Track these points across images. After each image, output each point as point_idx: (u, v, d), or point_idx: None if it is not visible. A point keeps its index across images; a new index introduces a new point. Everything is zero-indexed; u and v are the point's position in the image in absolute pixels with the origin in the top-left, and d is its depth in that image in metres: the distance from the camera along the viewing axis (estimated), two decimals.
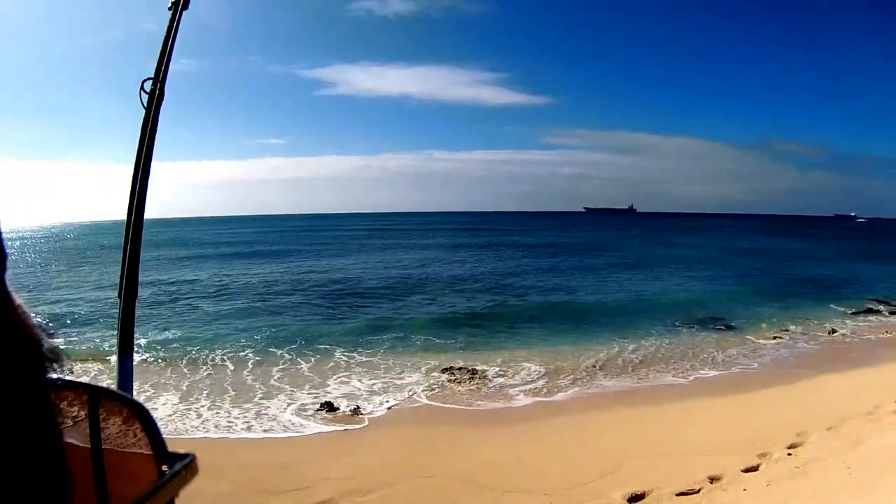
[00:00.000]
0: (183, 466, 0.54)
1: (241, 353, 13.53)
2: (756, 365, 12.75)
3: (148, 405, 0.57)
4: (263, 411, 9.98)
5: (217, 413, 9.78)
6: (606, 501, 5.91)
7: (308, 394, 10.67)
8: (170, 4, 1.94)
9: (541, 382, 11.30)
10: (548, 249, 48.38)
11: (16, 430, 0.42)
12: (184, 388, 11.05)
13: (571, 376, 11.70)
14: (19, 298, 0.45)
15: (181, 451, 0.56)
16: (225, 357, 13.19)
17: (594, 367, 12.34)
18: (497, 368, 12.10)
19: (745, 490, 6.13)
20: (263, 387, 11.09)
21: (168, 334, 15.60)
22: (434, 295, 22.90)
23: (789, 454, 7.17)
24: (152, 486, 0.51)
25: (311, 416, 9.60)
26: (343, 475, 6.74)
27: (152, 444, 0.55)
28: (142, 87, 1.76)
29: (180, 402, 10.29)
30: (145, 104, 1.74)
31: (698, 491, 6.15)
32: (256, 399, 10.56)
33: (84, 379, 0.57)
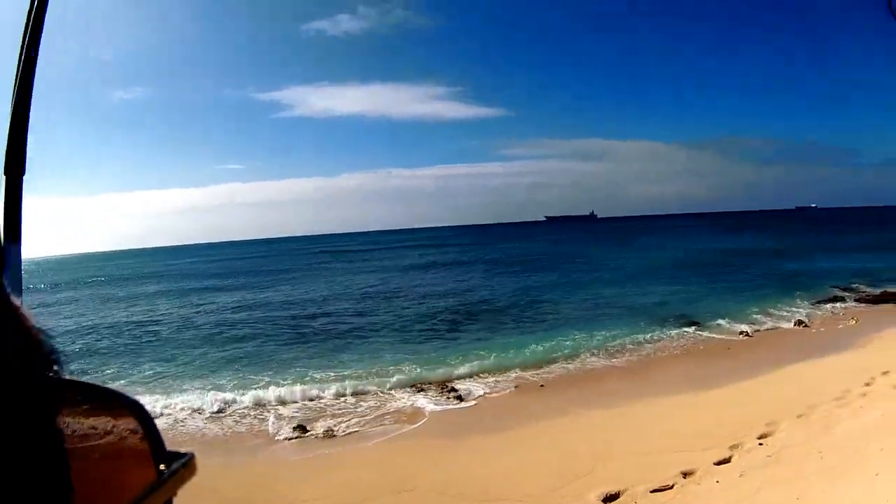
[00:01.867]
0: (181, 465, 0.54)
1: (210, 378, 13.32)
2: (724, 359, 12.86)
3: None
4: (238, 432, 9.84)
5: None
6: (582, 503, 5.79)
7: (280, 416, 10.48)
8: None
9: (511, 392, 11.27)
10: (508, 261, 48.36)
11: (16, 430, 0.41)
12: (157, 412, 10.76)
13: (540, 384, 11.69)
14: (19, 299, 0.45)
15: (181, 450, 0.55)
16: (193, 383, 12.95)
17: (563, 373, 12.38)
18: (466, 381, 12.06)
19: (717, 482, 6.09)
20: (236, 410, 10.91)
21: (138, 368, 15.22)
22: (400, 312, 22.75)
23: (760, 444, 7.19)
24: (151, 486, 0.51)
25: (286, 437, 9.45)
26: (321, 494, 6.66)
27: (150, 443, 0.54)
28: None
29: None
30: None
31: (672, 486, 6.11)
32: (231, 421, 10.41)
33: (82, 379, 0.53)
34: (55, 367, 0.47)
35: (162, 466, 0.53)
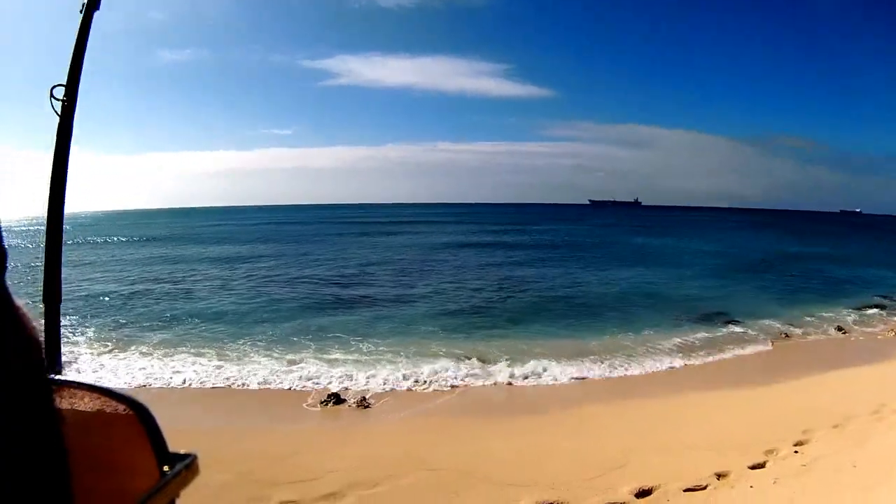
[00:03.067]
0: (184, 466, 0.55)
1: (243, 343, 13.51)
2: (760, 360, 12.75)
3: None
4: (269, 398, 10.04)
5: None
6: (614, 496, 5.90)
7: (313, 384, 10.70)
8: (81, 7, 1.80)
9: (545, 375, 11.27)
10: (553, 243, 48.37)
11: (17, 431, 0.41)
12: (189, 375, 11.14)
13: (576, 369, 11.67)
14: (20, 299, 0.45)
15: (181, 450, 0.56)
16: (225, 347, 13.18)
17: (599, 360, 12.30)
18: (502, 360, 12.03)
19: (751, 487, 6.12)
20: (265, 377, 11.12)
21: (169, 327, 15.62)
22: (440, 287, 22.86)
23: (796, 452, 7.16)
24: (154, 487, 0.52)
25: (316, 406, 9.63)
26: (347, 467, 6.69)
27: (153, 444, 0.55)
28: (51, 94, 1.65)
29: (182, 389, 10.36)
30: (58, 111, 1.64)
31: (705, 487, 6.14)
32: (261, 385, 10.66)
33: (84, 380, 0.56)
34: (56, 368, 0.50)
35: (165, 467, 0.54)
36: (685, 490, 6.06)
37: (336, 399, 9.76)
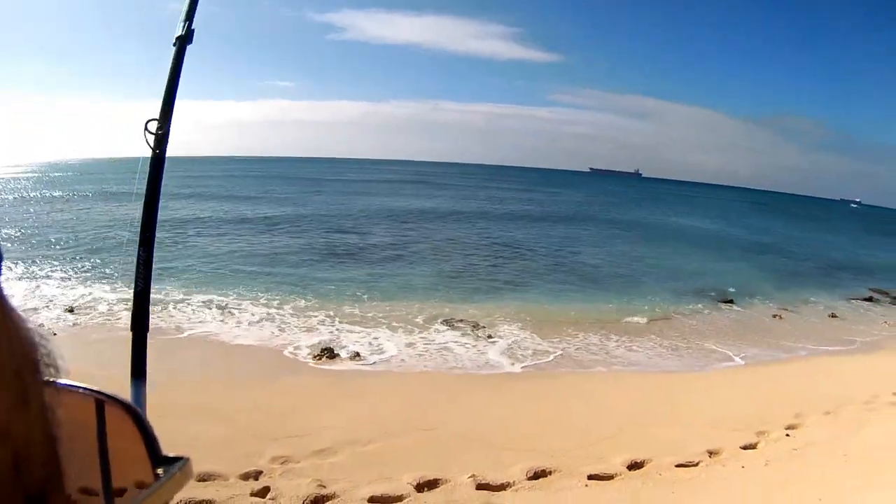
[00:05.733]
0: (178, 469, 0.55)
1: (240, 295, 13.39)
2: (754, 339, 12.82)
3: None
4: (264, 352, 10.00)
5: None
6: (606, 467, 5.93)
7: (307, 339, 10.65)
8: (174, 40, 1.86)
9: (544, 341, 11.32)
10: (553, 208, 48.27)
11: (13, 434, 0.40)
12: (182, 326, 11.10)
13: (576, 337, 11.74)
14: (15, 302, 0.44)
15: (171, 454, 0.56)
16: (223, 300, 13.01)
17: (599, 329, 12.38)
18: (501, 325, 12.08)
19: (743, 467, 6.17)
20: (261, 331, 11.07)
21: (168, 275, 15.50)
22: (439, 247, 22.82)
23: (787, 435, 7.22)
24: (148, 490, 0.53)
25: (311, 361, 9.61)
26: (342, 424, 6.67)
27: (147, 447, 0.55)
28: (146, 128, 1.72)
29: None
30: (151, 145, 1.70)
31: (697, 464, 6.18)
32: (256, 338, 10.61)
33: (80, 383, 0.55)
34: (52, 371, 0.46)
35: (159, 470, 0.54)
36: (677, 465, 6.10)
37: (330, 353, 9.75)
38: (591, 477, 5.75)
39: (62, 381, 0.49)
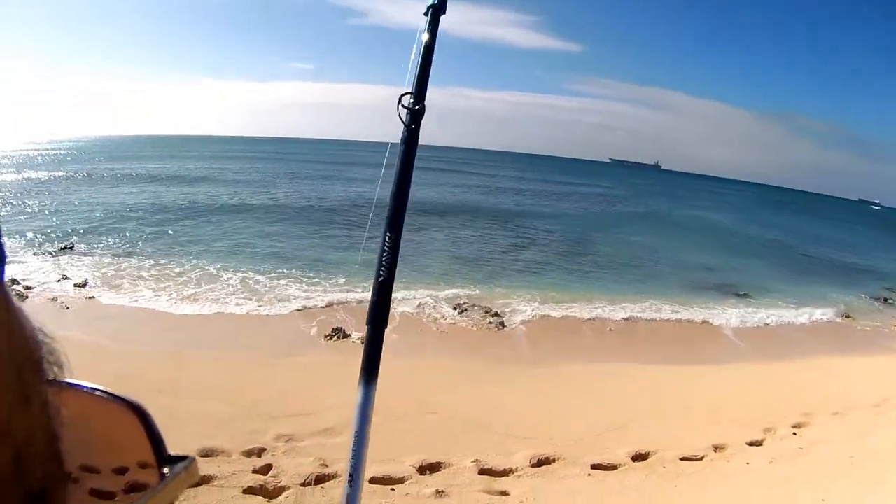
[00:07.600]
0: (183, 468, 0.54)
1: (250, 272, 13.46)
2: (767, 336, 12.73)
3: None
4: (270, 330, 10.07)
5: None
6: (611, 457, 5.93)
7: (317, 318, 10.69)
8: (426, 9, 1.73)
9: (554, 329, 11.31)
10: (573, 196, 48.09)
11: (14, 432, 0.40)
12: (193, 295, 11.17)
13: (585, 325, 11.73)
14: (18, 302, 0.43)
15: (179, 453, 0.55)
16: (232, 275, 13.12)
17: (608, 318, 12.35)
18: (510, 310, 12.05)
19: (748, 463, 6.15)
20: (274, 305, 11.17)
21: (182, 248, 15.67)
22: (453, 230, 22.80)
23: (794, 433, 7.17)
24: (153, 489, 0.52)
25: (319, 340, 9.66)
26: (347, 403, 6.69)
27: (152, 446, 0.54)
28: (399, 101, 1.62)
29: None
30: (405, 119, 1.61)
31: (702, 458, 6.17)
32: (267, 317, 10.70)
33: (84, 381, 0.53)
34: (56, 369, 0.45)
35: (165, 469, 0.53)
36: (682, 458, 6.10)
37: (341, 334, 9.77)
38: (594, 466, 5.76)
39: (68, 379, 0.49)
